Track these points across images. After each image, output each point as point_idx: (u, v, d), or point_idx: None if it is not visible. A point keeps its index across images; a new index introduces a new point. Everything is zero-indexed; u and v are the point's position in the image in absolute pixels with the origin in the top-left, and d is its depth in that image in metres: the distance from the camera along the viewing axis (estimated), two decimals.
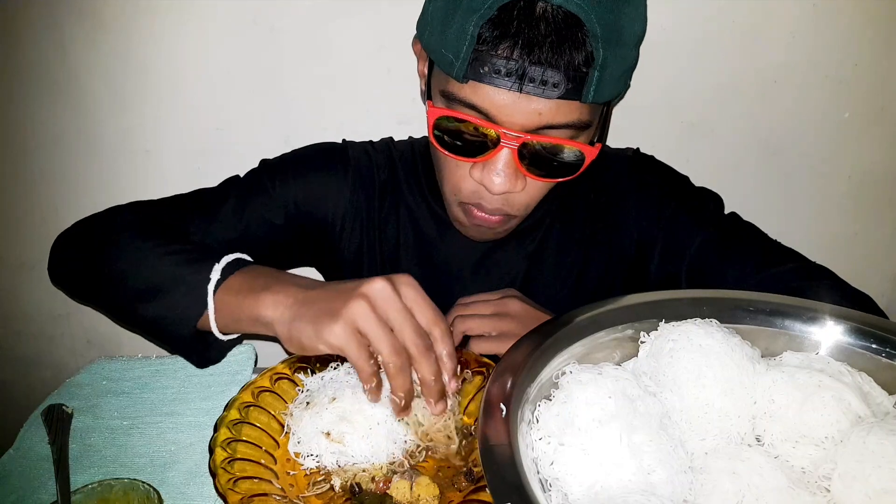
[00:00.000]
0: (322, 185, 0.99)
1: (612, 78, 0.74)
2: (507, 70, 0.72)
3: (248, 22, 1.19)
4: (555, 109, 0.74)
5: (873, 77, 1.26)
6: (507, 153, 0.78)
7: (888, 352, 0.65)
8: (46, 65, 1.22)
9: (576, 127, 0.77)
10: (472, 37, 0.72)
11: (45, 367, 1.50)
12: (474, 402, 0.79)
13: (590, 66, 0.72)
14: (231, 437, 0.71)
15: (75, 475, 0.72)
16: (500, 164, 0.78)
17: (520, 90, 0.73)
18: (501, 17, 0.71)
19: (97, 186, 1.32)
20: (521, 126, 0.75)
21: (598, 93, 0.74)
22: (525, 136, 0.76)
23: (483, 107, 0.75)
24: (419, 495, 0.67)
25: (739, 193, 1.10)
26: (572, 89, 0.73)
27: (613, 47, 0.72)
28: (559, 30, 0.70)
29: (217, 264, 0.78)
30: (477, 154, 0.79)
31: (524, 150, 0.77)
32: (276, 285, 0.73)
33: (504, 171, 0.78)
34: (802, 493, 0.55)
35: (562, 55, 0.71)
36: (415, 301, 0.68)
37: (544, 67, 0.71)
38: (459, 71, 0.74)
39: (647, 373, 0.65)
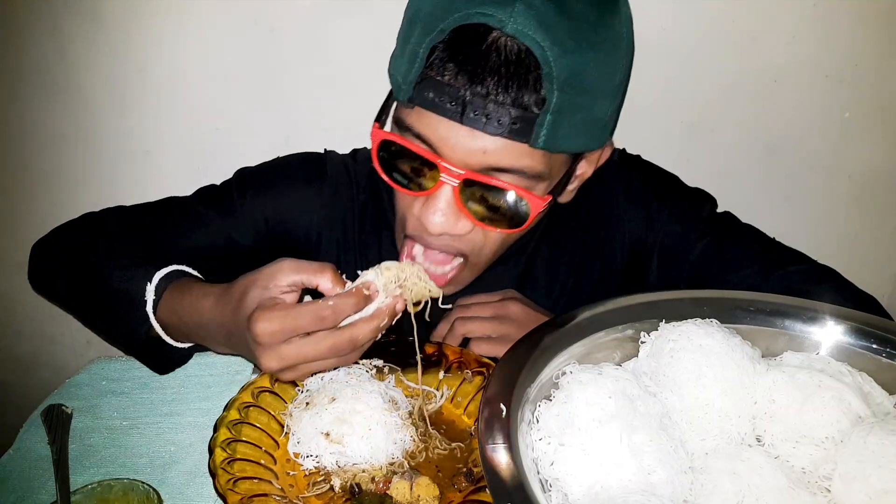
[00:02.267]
0: (295, 202, 0.96)
1: (570, 127, 0.69)
2: (449, 97, 0.68)
3: (248, 22, 1.19)
4: (501, 150, 0.69)
5: (873, 77, 1.26)
6: (449, 191, 0.73)
7: (888, 352, 0.65)
8: (46, 65, 1.22)
9: (526, 175, 0.72)
10: (421, 59, 0.69)
11: (45, 367, 1.50)
12: (474, 402, 0.79)
13: (541, 109, 0.67)
14: (231, 438, 0.71)
15: (75, 475, 0.72)
16: (440, 200, 0.73)
17: (461, 120, 0.68)
18: (453, 41, 0.68)
19: (97, 186, 1.32)
20: (464, 162, 0.71)
21: (552, 140, 0.69)
22: (468, 174, 0.71)
23: (427, 135, 0.71)
24: (419, 495, 0.66)
25: (740, 193, 1.10)
26: (519, 129, 0.68)
27: (573, 94, 0.67)
28: (510, 63, 0.66)
29: (149, 284, 0.78)
30: (421, 188, 0.75)
31: (466, 189, 0.72)
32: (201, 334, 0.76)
33: (444, 209, 0.73)
34: (803, 494, 0.55)
35: (508, 90, 0.67)
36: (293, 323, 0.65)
37: (488, 99, 0.67)
38: (405, 93, 0.71)
39: (647, 373, 0.65)
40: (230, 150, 1.28)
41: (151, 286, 0.78)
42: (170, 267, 0.81)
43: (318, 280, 0.68)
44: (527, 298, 0.90)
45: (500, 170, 0.71)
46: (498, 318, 0.87)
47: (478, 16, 0.66)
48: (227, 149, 1.28)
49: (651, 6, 1.19)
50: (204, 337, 0.77)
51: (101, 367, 0.94)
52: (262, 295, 0.67)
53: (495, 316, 0.87)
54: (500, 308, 0.87)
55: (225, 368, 0.91)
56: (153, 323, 0.78)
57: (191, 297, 0.76)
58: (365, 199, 0.98)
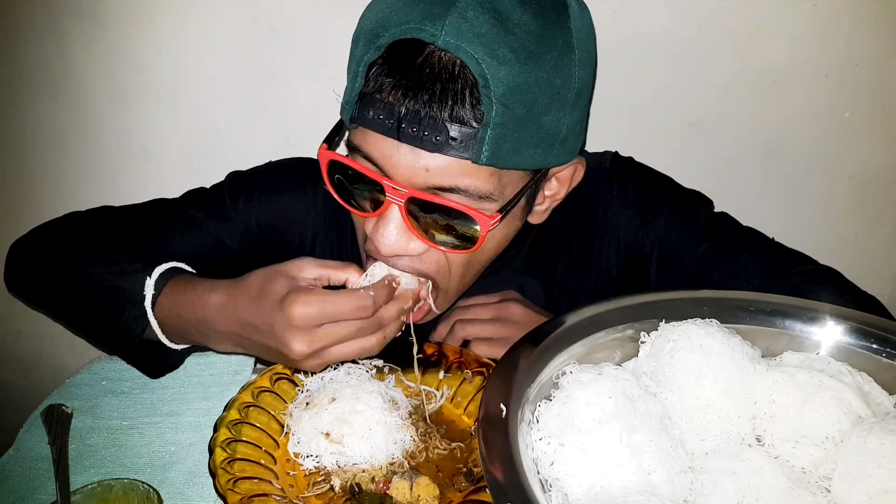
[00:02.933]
0: (287, 208, 0.95)
1: (517, 141, 0.67)
2: (386, 113, 0.67)
3: (248, 22, 1.19)
4: (444, 168, 0.68)
5: (874, 77, 1.26)
6: (396, 210, 0.72)
7: (888, 352, 0.65)
8: (46, 65, 1.22)
9: (472, 194, 0.70)
10: (360, 77, 0.68)
11: (45, 367, 1.50)
12: (474, 402, 0.79)
13: (481, 124, 0.65)
14: (231, 438, 0.71)
15: (75, 475, 0.72)
16: (389, 221, 0.72)
17: (398, 137, 0.67)
18: (389, 57, 0.67)
19: (97, 186, 1.32)
20: (409, 181, 0.69)
21: (496, 156, 0.66)
22: (412, 192, 0.69)
23: (372, 155, 0.70)
24: (419, 495, 0.67)
25: (740, 194, 1.10)
26: (459, 146, 0.66)
27: (515, 107, 0.65)
28: (444, 78, 0.65)
29: (149, 279, 0.77)
30: (371, 208, 0.74)
31: (412, 208, 0.71)
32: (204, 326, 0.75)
33: (394, 230, 0.72)
34: (803, 494, 0.55)
35: (444, 105, 0.65)
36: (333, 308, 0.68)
37: (424, 116, 0.65)
38: (347, 112, 0.70)
39: (647, 373, 0.65)
40: (230, 150, 1.28)
41: (151, 281, 0.77)
42: (171, 263, 0.80)
43: (345, 275, 0.71)
44: (526, 299, 0.90)
45: (446, 189, 0.70)
46: (498, 319, 0.86)
47: (412, 30, 0.64)
48: (227, 149, 1.28)
49: (651, 6, 1.19)
50: (206, 334, 0.76)
51: (101, 367, 0.93)
52: (292, 284, 0.68)
53: (496, 318, 0.87)
54: (500, 310, 0.87)
55: (225, 368, 0.91)
56: (151, 320, 0.77)
57: (195, 291, 0.75)
58: None
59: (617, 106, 1.28)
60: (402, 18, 0.65)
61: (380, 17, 0.67)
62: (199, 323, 0.75)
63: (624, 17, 1.21)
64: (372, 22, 0.68)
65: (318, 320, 0.67)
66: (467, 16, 0.64)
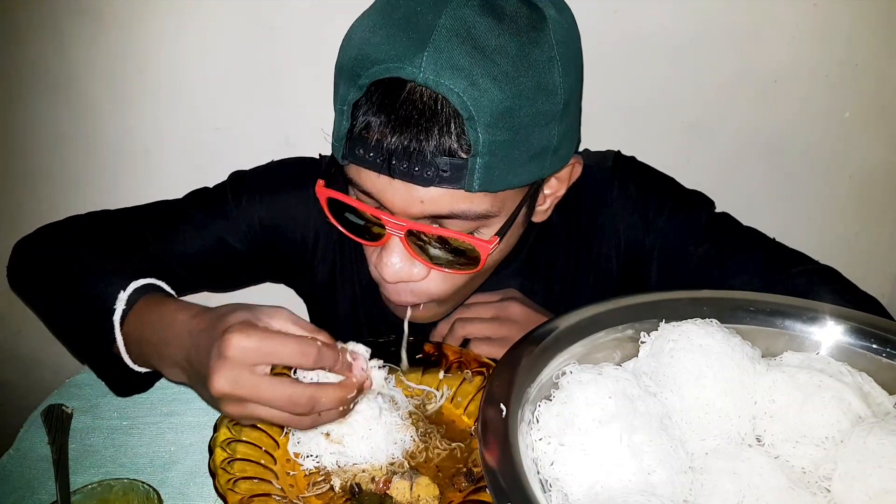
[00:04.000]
0: (290, 204, 0.94)
1: (508, 164, 0.67)
2: (376, 153, 0.67)
3: (248, 22, 1.19)
4: (438, 199, 0.68)
5: (874, 77, 1.26)
6: (396, 240, 0.72)
7: (888, 352, 0.65)
8: (46, 65, 1.22)
9: (470, 218, 0.70)
10: (346, 116, 0.68)
11: (45, 367, 1.50)
12: (474, 402, 0.79)
13: (469, 154, 0.65)
14: (231, 438, 0.71)
15: (75, 475, 0.72)
16: (392, 251, 0.73)
17: (390, 174, 0.67)
18: (372, 94, 0.66)
19: (97, 186, 1.32)
20: (405, 212, 0.69)
21: (488, 182, 0.66)
22: (409, 225, 0.70)
23: (368, 189, 0.71)
24: (419, 495, 0.67)
25: (740, 194, 1.10)
26: (450, 178, 0.66)
27: (501, 132, 0.65)
28: (428, 114, 0.64)
29: (123, 293, 0.75)
30: (374, 239, 0.75)
31: (412, 238, 0.72)
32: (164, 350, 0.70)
33: (397, 260, 0.73)
34: (803, 494, 0.55)
35: (430, 139, 0.65)
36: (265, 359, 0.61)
37: (413, 152, 0.65)
38: (338, 151, 0.70)
39: (647, 373, 0.65)
40: (230, 150, 1.28)
41: (125, 295, 0.75)
42: (148, 279, 0.77)
43: (314, 336, 0.65)
44: (527, 298, 0.90)
45: (444, 216, 0.70)
46: (498, 319, 0.86)
47: (388, 69, 0.64)
48: (227, 149, 1.28)
49: (651, 6, 1.19)
50: (161, 356, 0.71)
51: None
52: (251, 318, 0.63)
53: (496, 317, 0.86)
54: (501, 309, 0.87)
55: None
56: (116, 335, 0.74)
57: (165, 308, 0.72)
58: None
59: (617, 106, 1.28)
60: (380, 55, 0.65)
61: (358, 52, 0.67)
62: (159, 344, 0.71)
63: (624, 17, 1.21)
64: (351, 57, 0.68)
65: (252, 357, 0.60)
66: (444, 49, 0.63)
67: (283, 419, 0.63)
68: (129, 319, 0.74)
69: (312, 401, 0.62)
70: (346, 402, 0.66)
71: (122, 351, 0.75)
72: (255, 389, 0.61)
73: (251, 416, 0.63)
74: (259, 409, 0.62)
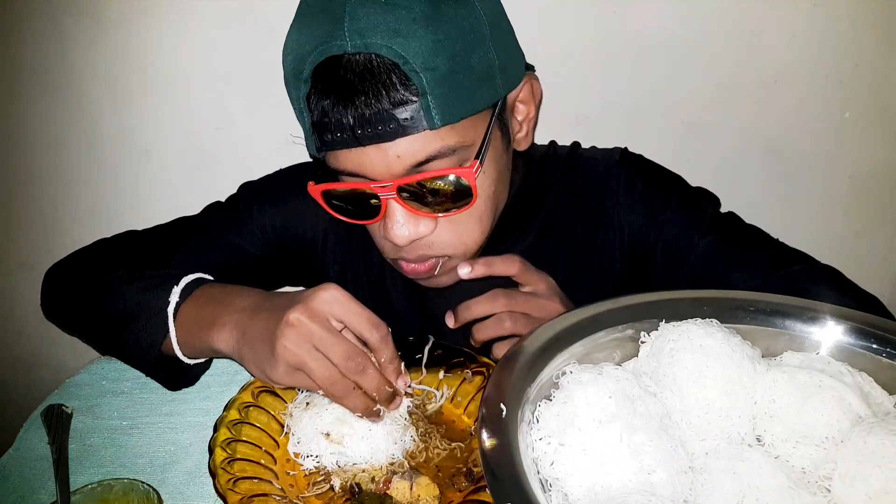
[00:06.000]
0: (301, 208, 0.97)
1: (458, 93, 0.71)
2: (340, 131, 0.71)
3: (249, 22, 1.19)
4: (410, 148, 0.72)
5: (873, 77, 1.26)
6: (393, 203, 0.76)
7: (889, 352, 0.65)
8: (46, 65, 1.22)
9: (446, 154, 0.74)
10: (305, 112, 0.73)
11: (45, 367, 1.50)
12: (474, 402, 0.79)
13: (419, 96, 0.69)
14: (231, 438, 0.71)
15: (75, 475, 0.72)
16: (394, 215, 0.76)
17: (360, 144, 0.71)
18: (316, 82, 0.71)
19: (97, 186, 1.32)
20: (389, 174, 0.73)
21: (447, 114, 0.70)
22: (396, 182, 0.74)
23: (349, 168, 0.75)
24: (419, 495, 0.67)
25: (740, 194, 1.10)
26: (412, 123, 0.70)
27: (440, 67, 0.69)
28: (367, 75, 0.69)
29: (176, 287, 0.80)
30: (374, 214, 0.78)
31: (403, 195, 0.75)
32: (222, 315, 0.76)
33: (401, 221, 0.76)
34: (803, 494, 0.55)
35: (380, 97, 0.69)
36: (342, 315, 0.69)
37: (370, 115, 0.69)
38: (311, 146, 0.75)
39: (647, 373, 0.65)
40: (230, 150, 1.28)
41: (178, 289, 0.80)
42: (198, 274, 0.83)
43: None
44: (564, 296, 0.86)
45: (423, 162, 0.74)
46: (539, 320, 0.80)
47: (321, 52, 0.69)
48: (227, 149, 1.28)
49: (651, 6, 1.19)
50: (215, 324, 0.75)
51: (101, 367, 0.94)
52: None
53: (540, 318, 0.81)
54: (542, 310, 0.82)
55: (225, 368, 0.91)
56: (170, 327, 0.79)
57: (227, 289, 0.79)
58: None
59: (617, 106, 1.28)
60: (310, 46, 0.70)
61: (293, 55, 0.73)
62: (214, 314, 0.76)
63: (624, 17, 1.21)
64: (290, 62, 0.74)
65: (335, 309, 0.68)
66: (359, 15, 0.68)
67: (326, 375, 0.67)
68: (183, 309, 0.79)
69: (363, 366, 0.68)
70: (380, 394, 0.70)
71: (173, 340, 0.79)
72: (323, 330, 0.67)
73: (302, 361, 0.67)
74: (313, 356, 0.67)
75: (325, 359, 0.67)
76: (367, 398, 0.70)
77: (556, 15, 1.21)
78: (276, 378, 0.70)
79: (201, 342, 0.78)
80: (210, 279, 0.84)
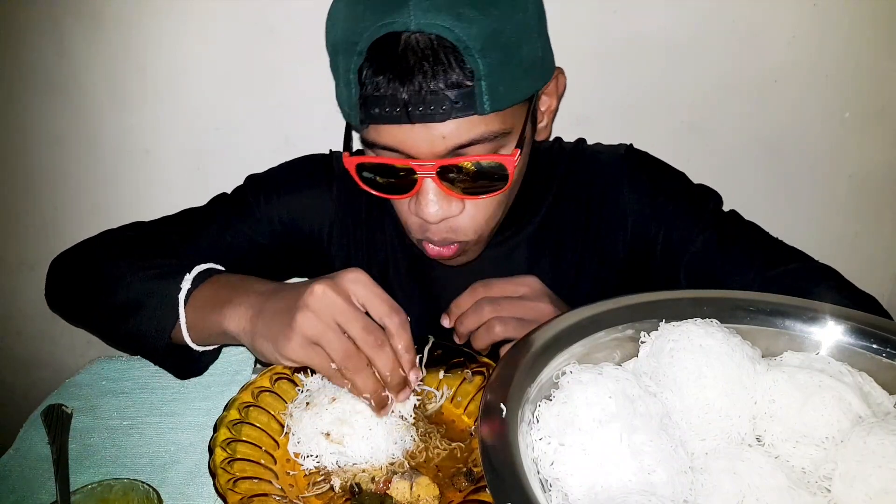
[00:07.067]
0: (307, 200, 0.99)
1: (508, 81, 0.73)
2: (392, 106, 0.72)
3: (248, 22, 1.19)
4: (456, 130, 0.74)
5: (874, 77, 1.26)
6: (429, 181, 0.77)
7: (889, 352, 0.65)
8: (46, 65, 1.22)
9: (489, 139, 0.76)
10: (354, 84, 0.73)
11: (45, 367, 1.50)
12: (474, 402, 0.79)
13: (473, 80, 0.71)
14: (231, 438, 0.71)
15: (75, 475, 0.72)
16: (428, 193, 0.78)
17: (410, 121, 0.73)
18: (373, 56, 0.72)
19: (97, 186, 1.32)
20: (431, 153, 0.75)
21: (496, 100, 0.73)
22: (438, 163, 0.75)
23: (390, 144, 0.76)
24: (419, 495, 0.66)
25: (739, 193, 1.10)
26: (463, 106, 0.72)
27: (495, 54, 0.71)
28: (427, 55, 0.70)
29: (188, 274, 0.81)
30: (407, 190, 0.79)
31: (443, 175, 0.77)
32: (237, 296, 0.76)
33: (434, 199, 0.78)
34: (803, 494, 0.55)
35: (437, 78, 0.71)
36: (365, 297, 0.70)
37: (425, 94, 0.71)
38: (355, 118, 0.76)
39: (647, 373, 0.65)
40: (230, 150, 1.28)
41: (190, 276, 0.81)
42: (209, 264, 0.83)
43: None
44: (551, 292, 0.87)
45: (465, 144, 0.75)
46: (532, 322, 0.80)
47: (382, 28, 0.70)
48: (227, 149, 1.28)
49: (651, 6, 1.19)
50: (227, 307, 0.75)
51: (101, 367, 0.94)
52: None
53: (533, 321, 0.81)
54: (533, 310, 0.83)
55: (225, 368, 0.91)
56: (180, 313, 0.79)
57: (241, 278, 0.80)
58: None
59: (617, 105, 1.28)
60: (369, 19, 0.71)
61: (345, 24, 0.74)
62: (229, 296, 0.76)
63: (624, 17, 1.21)
64: (342, 31, 0.74)
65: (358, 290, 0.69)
66: None
67: (342, 347, 0.68)
68: (194, 295, 0.80)
69: (381, 341, 0.69)
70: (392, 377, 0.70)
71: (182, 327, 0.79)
72: (345, 303, 0.68)
73: (321, 331, 0.68)
74: (332, 328, 0.68)
75: (343, 333, 0.68)
76: (378, 380, 0.70)
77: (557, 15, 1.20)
78: (288, 352, 0.69)
79: (212, 324, 0.77)
80: (222, 269, 0.85)
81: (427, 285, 0.99)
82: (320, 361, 0.69)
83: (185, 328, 0.80)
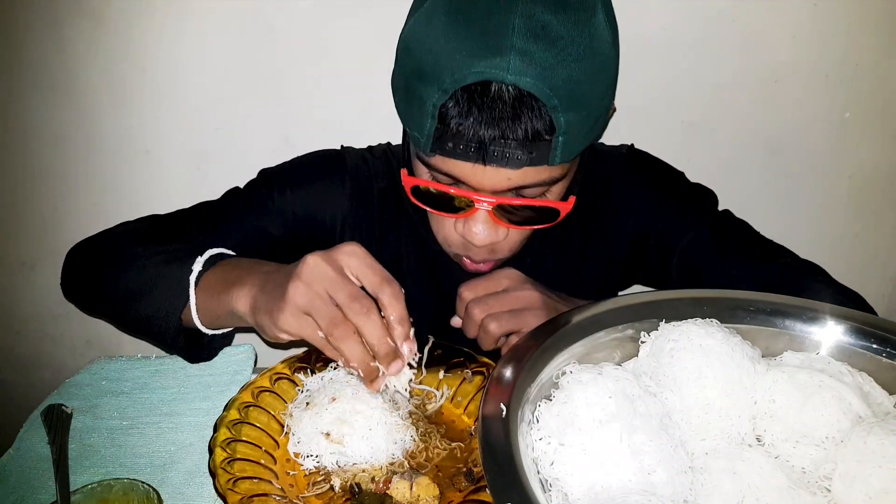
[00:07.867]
0: (320, 195, 1.00)
1: (578, 136, 0.75)
2: (469, 148, 0.73)
3: (248, 22, 1.19)
4: (523, 175, 0.75)
5: (874, 77, 1.26)
6: (484, 212, 0.79)
7: (888, 352, 0.65)
8: (46, 65, 1.22)
9: (547, 184, 0.78)
10: (433, 116, 0.73)
11: (45, 367, 1.50)
12: (474, 402, 0.79)
13: (552, 135, 0.73)
14: (231, 438, 0.71)
15: (75, 475, 0.72)
16: (479, 220, 0.80)
17: (484, 164, 0.74)
18: (460, 97, 0.72)
19: (97, 186, 1.32)
20: (492, 190, 0.77)
21: (565, 154, 0.74)
22: (497, 199, 0.78)
23: (454, 174, 0.77)
24: (419, 495, 0.66)
25: (740, 193, 1.10)
26: (537, 157, 0.74)
27: (575, 110, 0.72)
28: (515, 107, 0.71)
29: (200, 257, 0.82)
30: (458, 211, 0.81)
31: (498, 209, 0.79)
32: (245, 277, 0.77)
33: (484, 226, 0.80)
34: (803, 494, 0.55)
35: (519, 130, 0.72)
36: (358, 269, 0.70)
37: (505, 143, 0.72)
38: (426, 146, 0.76)
39: (647, 373, 0.65)
40: (230, 150, 1.28)
41: (202, 259, 0.82)
42: (221, 249, 0.84)
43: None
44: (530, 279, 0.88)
45: (527, 186, 0.77)
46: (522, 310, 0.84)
47: (476, 75, 0.70)
48: (227, 149, 1.28)
49: (651, 6, 1.19)
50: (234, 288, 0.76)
51: (101, 367, 0.94)
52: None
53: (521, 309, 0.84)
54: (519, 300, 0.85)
55: (225, 368, 0.91)
56: (190, 295, 0.80)
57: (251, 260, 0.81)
58: (384, 185, 1.02)
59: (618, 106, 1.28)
60: (461, 60, 0.70)
61: (434, 56, 0.72)
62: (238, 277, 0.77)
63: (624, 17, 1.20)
64: (431, 64, 0.72)
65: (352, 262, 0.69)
66: (526, 49, 0.69)
67: (329, 315, 0.67)
68: (206, 277, 0.81)
69: (368, 308, 0.68)
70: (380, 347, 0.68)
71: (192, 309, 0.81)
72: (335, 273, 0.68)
73: (310, 301, 0.67)
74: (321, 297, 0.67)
75: (332, 301, 0.68)
76: (366, 350, 0.68)
77: None
78: (282, 322, 0.68)
79: (221, 304, 0.78)
80: (233, 254, 0.86)
81: (440, 285, 1.00)
82: (311, 332, 0.68)
83: (195, 310, 0.81)
